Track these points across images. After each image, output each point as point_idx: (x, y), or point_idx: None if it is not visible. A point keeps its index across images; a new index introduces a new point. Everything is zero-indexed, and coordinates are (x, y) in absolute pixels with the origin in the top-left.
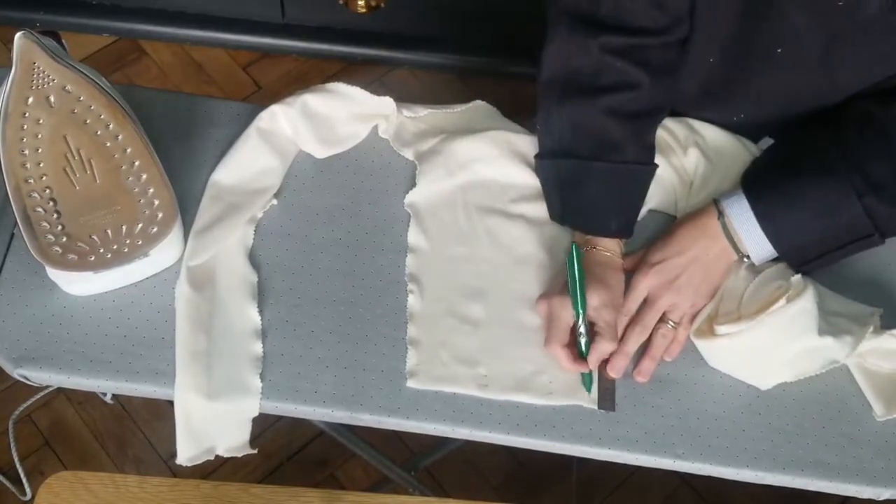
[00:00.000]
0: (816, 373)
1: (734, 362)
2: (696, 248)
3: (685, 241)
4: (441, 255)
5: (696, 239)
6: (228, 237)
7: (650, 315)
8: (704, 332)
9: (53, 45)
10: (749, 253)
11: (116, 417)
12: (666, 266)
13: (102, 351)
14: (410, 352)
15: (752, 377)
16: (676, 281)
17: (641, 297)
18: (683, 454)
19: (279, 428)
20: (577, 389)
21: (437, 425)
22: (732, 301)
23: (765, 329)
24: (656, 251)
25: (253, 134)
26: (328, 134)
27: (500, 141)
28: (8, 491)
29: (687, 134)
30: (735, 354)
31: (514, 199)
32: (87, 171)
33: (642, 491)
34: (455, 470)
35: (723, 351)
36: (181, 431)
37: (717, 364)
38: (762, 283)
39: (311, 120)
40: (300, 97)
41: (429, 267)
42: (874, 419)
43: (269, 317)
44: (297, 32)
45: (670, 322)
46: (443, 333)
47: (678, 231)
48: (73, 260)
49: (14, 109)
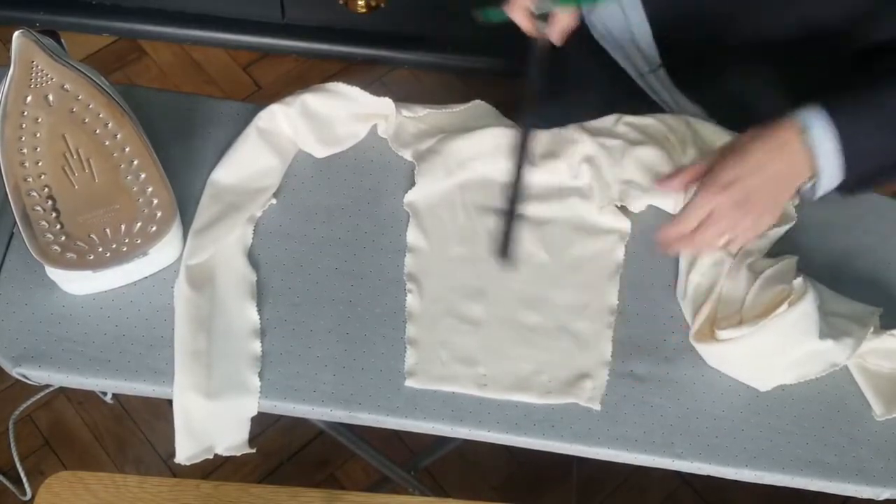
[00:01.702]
0: (817, 376)
1: (735, 365)
2: (774, 165)
3: (762, 157)
4: (440, 255)
5: (774, 156)
6: (227, 236)
7: (710, 233)
8: (705, 336)
9: (52, 45)
10: (821, 173)
11: (116, 417)
12: (739, 186)
13: (101, 350)
14: (409, 351)
15: (753, 379)
16: (747, 202)
17: (704, 215)
18: (683, 454)
19: (279, 428)
20: (576, 389)
21: (436, 425)
22: (734, 305)
23: (767, 334)
24: (728, 168)
25: (252, 133)
26: (327, 134)
27: (500, 139)
28: (8, 491)
29: (685, 131)
30: (736, 358)
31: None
32: (85, 170)
33: (642, 491)
34: (455, 470)
35: (724, 354)
36: (180, 430)
37: (717, 366)
38: (764, 287)
39: (311, 120)
40: (300, 97)
41: (428, 266)
42: (874, 419)
43: (268, 316)
44: (297, 32)
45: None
46: (442, 333)
47: (752, 147)
48: (72, 259)
49: (13, 108)
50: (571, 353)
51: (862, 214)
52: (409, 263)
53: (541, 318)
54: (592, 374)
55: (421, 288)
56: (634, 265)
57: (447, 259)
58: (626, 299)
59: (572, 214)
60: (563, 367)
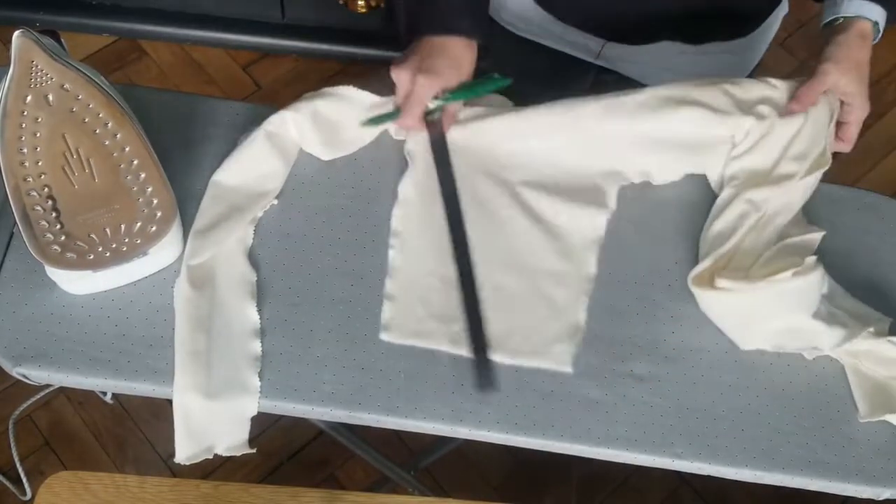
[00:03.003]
0: (796, 351)
1: (723, 315)
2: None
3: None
4: (427, 212)
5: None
6: (229, 237)
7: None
8: (704, 281)
9: (52, 44)
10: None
11: (116, 417)
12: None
13: (101, 349)
14: (386, 305)
15: (735, 334)
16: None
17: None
18: (682, 453)
19: (279, 427)
20: (548, 353)
21: (435, 424)
22: (747, 259)
23: (760, 294)
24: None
25: (260, 137)
26: (334, 137)
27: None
28: (8, 491)
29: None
30: (725, 308)
31: (505, 166)
32: (85, 170)
33: (642, 491)
34: (455, 470)
35: (715, 301)
36: (180, 430)
37: (707, 311)
38: (780, 252)
39: (319, 124)
40: (311, 103)
41: (413, 223)
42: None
43: (269, 316)
44: (297, 32)
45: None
46: (420, 290)
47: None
48: (71, 259)
49: (13, 108)
50: (546, 318)
51: (862, 214)
52: (396, 218)
53: (519, 281)
54: (565, 339)
55: (404, 244)
56: (634, 264)
57: (432, 217)
58: (627, 299)
59: (559, 183)
60: (536, 330)
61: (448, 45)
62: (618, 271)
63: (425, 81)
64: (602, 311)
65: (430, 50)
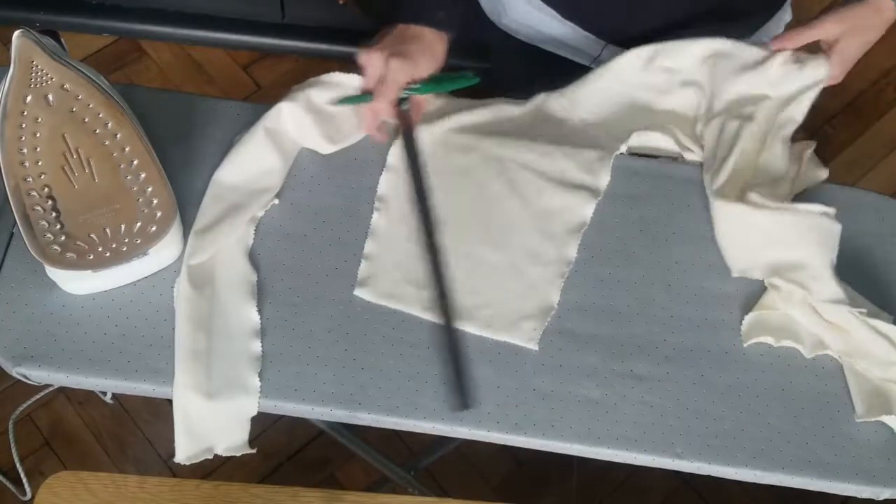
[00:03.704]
0: (782, 285)
1: (731, 231)
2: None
3: (867, 22)
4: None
5: (878, 27)
6: (229, 237)
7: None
8: (727, 195)
9: (52, 44)
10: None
11: (116, 417)
12: (858, 38)
13: (101, 349)
14: (364, 264)
15: (730, 252)
16: (855, 50)
17: (817, 38)
18: (682, 453)
19: (279, 428)
20: (517, 328)
21: (435, 424)
22: (771, 174)
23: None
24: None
25: (259, 133)
26: (332, 128)
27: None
28: (8, 491)
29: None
30: (739, 223)
31: (497, 143)
32: (85, 170)
33: (642, 491)
34: (455, 470)
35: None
36: (180, 430)
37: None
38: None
39: (316, 115)
40: (304, 92)
41: (399, 189)
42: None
43: (269, 316)
44: (297, 32)
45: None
46: (399, 255)
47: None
48: (71, 259)
49: (13, 108)
50: (520, 295)
51: (862, 214)
52: (383, 182)
53: (498, 256)
54: (535, 317)
55: (389, 208)
56: (634, 264)
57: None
58: (627, 299)
59: (550, 166)
60: (508, 305)
61: (422, 33)
62: (618, 271)
63: (399, 65)
64: (602, 311)
65: (403, 36)
